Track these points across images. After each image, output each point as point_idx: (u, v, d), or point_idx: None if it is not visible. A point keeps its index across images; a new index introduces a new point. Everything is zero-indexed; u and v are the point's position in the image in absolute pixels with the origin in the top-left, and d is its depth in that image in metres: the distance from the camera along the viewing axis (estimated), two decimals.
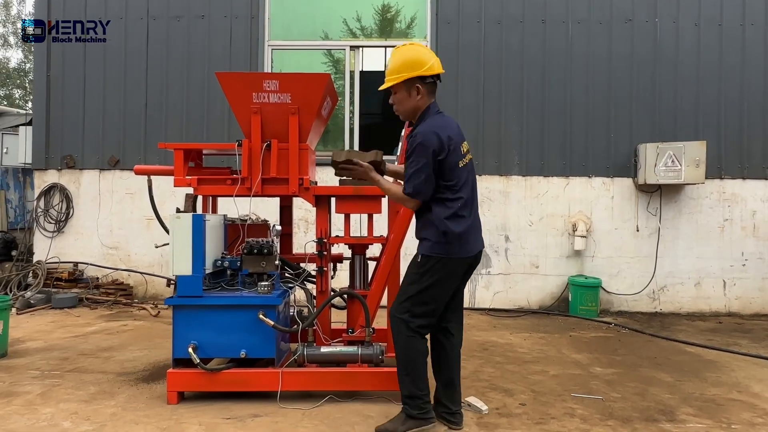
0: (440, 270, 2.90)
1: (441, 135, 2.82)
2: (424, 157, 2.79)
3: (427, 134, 2.82)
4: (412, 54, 2.90)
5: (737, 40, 6.78)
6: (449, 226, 2.85)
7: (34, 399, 3.47)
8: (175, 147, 3.72)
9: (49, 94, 7.15)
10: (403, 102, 2.97)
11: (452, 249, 2.88)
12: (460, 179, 2.89)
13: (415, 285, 2.93)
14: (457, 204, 2.88)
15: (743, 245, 6.73)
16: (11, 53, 26.26)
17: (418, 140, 2.82)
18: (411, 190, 2.86)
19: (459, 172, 2.88)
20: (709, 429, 3.14)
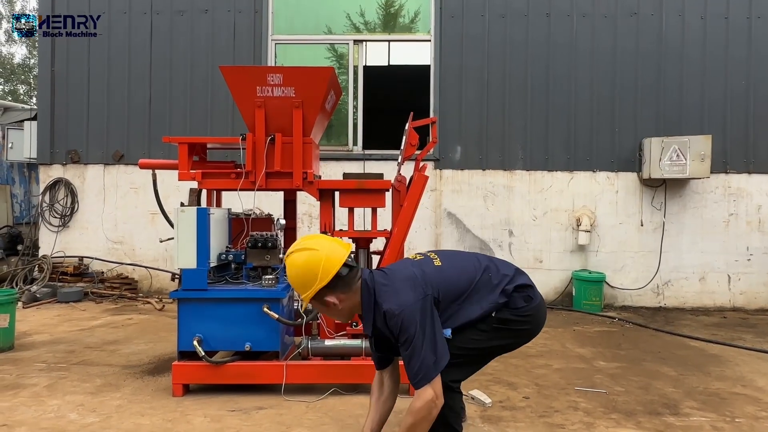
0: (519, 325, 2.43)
1: (412, 288, 2.22)
2: (413, 323, 2.13)
3: (403, 304, 2.17)
4: (299, 269, 2.21)
5: (744, 34, 6.73)
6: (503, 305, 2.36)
7: (41, 391, 3.50)
8: (179, 141, 3.73)
9: (53, 89, 7.17)
10: (330, 313, 2.36)
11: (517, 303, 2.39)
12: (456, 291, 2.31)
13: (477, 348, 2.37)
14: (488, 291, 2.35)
15: (748, 240, 6.70)
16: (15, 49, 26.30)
17: (397, 315, 2.15)
18: (424, 380, 2.12)
19: (451, 285, 2.31)
20: (713, 422, 3.14)
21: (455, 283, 2.31)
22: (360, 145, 7.05)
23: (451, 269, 2.35)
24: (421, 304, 2.17)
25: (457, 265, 2.40)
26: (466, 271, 2.36)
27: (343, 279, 2.23)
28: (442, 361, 2.14)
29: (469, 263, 2.42)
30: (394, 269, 2.37)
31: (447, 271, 2.33)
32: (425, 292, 2.20)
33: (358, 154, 6.98)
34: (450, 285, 2.29)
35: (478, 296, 2.33)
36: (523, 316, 2.39)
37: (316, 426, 3.01)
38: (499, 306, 2.35)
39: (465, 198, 6.82)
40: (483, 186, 6.81)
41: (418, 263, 2.36)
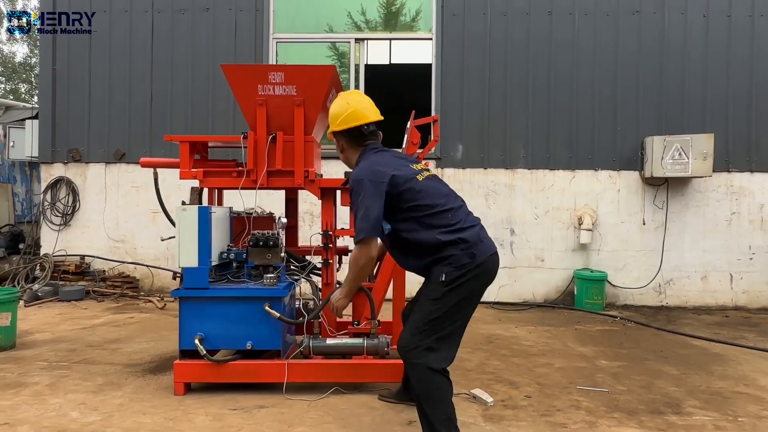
0: (460, 288, 2.52)
1: (378, 168, 2.59)
2: (358, 195, 2.54)
3: (362, 172, 2.60)
4: (333, 108, 2.86)
5: (746, 32, 6.71)
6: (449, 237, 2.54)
7: (43, 390, 3.50)
8: (180, 139, 3.73)
9: (54, 87, 7.18)
10: (341, 154, 2.93)
11: (461, 258, 2.52)
12: (427, 193, 2.58)
13: (434, 310, 2.54)
14: (446, 217, 2.56)
15: (751, 239, 6.68)
16: (17, 47, 26.32)
17: (353, 182, 2.61)
18: (359, 235, 2.54)
19: (420, 186, 2.59)
20: (716, 422, 3.13)
21: (427, 197, 2.58)
22: None
23: (432, 188, 2.62)
24: (373, 185, 2.52)
25: (440, 190, 2.66)
26: (440, 196, 2.62)
27: (351, 135, 2.80)
28: (372, 232, 2.53)
29: (450, 196, 2.67)
30: (398, 156, 2.78)
31: (427, 185, 2.62)
32: (383, 180, 2.53)
33: None
34: (421, 195, 2.57)
35: (433, 222, 2.55)
36: (468, 272, 2.52)
37: (317, 424, 3.00)
38: (442, 259, 2.53)
39: (466, 197, 6.68)
40: (484, 185, 6.80)
41: (402, 163, 2.69)
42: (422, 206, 2.56)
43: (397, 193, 2.56)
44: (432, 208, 2.56)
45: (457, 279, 2.51)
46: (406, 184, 2.56)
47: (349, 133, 2.80)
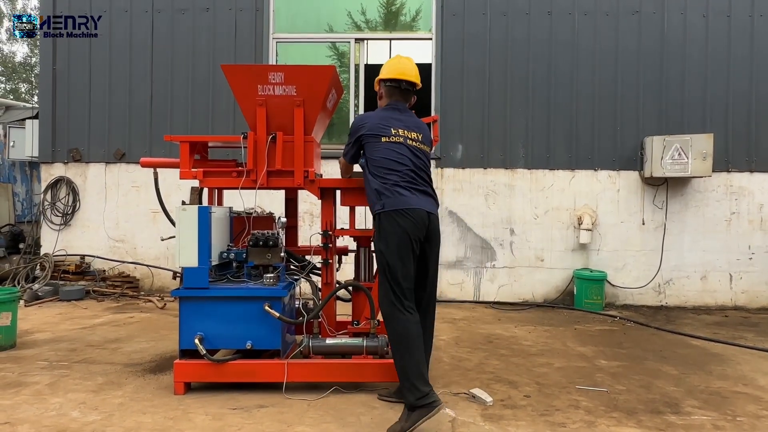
0: (386, 226, 3.09)
1: (365, 117, 3.34)
2: (350, 134, 3.41)
3: (357, 118, 3.42)
4: (385, 62, 3.51)
5: (746, 32, 6.71)
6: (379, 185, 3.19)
7: (43, 389, 3.51)
8: (180, 139, 3.73)
9: (55, 87, 7.18)
10: (378, 100, 3.55)
11: (387, 201, 3.11)
12: (380, 151, 3.21)
13: (379, 256, 3.14)
14: (385, 173, 3.18)
15: (750, 239, 6.69)
16: (17, 47, 26.31)
17: (353, 123, 3.45)
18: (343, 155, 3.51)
19: (383, 147, 3.21)
20: (715, 421, 3.14)
21: (388, 158, 3.20)
22: None
23: (397, 153, 3.22)
24: (357, 132, 3.31)
25: (401, 153, 3.23)
26: (400, 160, 3.20)
27: (386, 85, 3.42)
28: (344, 155, 3.45)
29: (405, 159, 3.23)
30: (402, 119, 3.34)
31: (386, 147, 3.23)
32: (362, 132, 3.28)
33: None
34: (387, 156, 3.20)
35: (384, 174, 3.19)
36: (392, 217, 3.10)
37: (317, 424, 3.01)
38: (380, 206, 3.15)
39: (466, 196, 6.82)
40: (484, 184, 6.81)
41: (403, 137, 3.27)
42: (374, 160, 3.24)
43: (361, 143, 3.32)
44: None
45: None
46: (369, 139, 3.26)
47: (385, 85, 3.41)
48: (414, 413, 2.79)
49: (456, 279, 6.82)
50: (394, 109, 3.38)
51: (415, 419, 2.77)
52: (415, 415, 2.78)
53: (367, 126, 3.29)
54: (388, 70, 3.42)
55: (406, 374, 2.86)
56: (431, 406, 2.77)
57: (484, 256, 6.81)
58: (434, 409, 2.77)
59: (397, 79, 3.39)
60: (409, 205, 3.11)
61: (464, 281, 6.82)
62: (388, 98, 3.45)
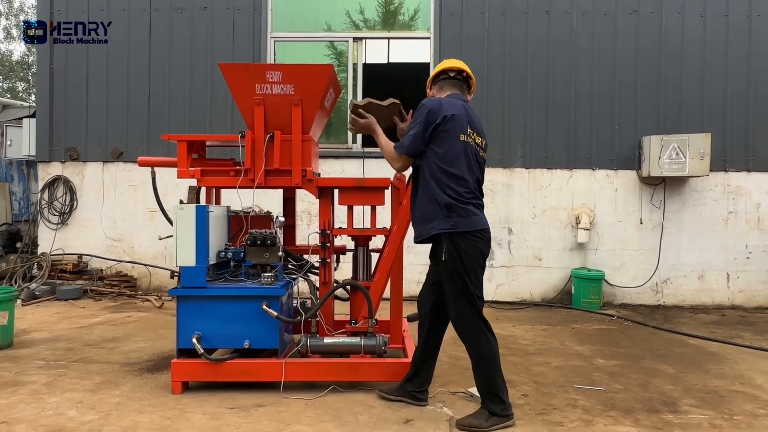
0: (464, 247, 2.94)
1: (442, 103, 2.98)
2: (419, 116, 2.98)
3: (430, 100, 3.04)
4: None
5: (743, 32, 6.72)
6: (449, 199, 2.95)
7: (40, 388, 3.50)
8: (178, 138, 3.72)
9: (52, 86, 7.16)
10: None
11: (459, 221, 2.92)
12: (455, 153, 2.95)
13: (455, 277, 2.95)
14: (450, 179, 2.95)
15: (747, 238, 6.70)
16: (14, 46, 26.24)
17: (420, 104, 3.03)
18: (399, 144, 3.05)
19: (454, 145, 2.95)
20: (712, 420, 3.14)
21: (463, 165, 2.97)
22: (359, 143, 7.05)
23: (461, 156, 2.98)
24: (430, 114, 2.94)
25: (471, 161, 3.02)
26: (472, 168, 3.03)
27: (449, 77, 3.20)
28: (402, 145, 3.03)
29: (475, 169, 3.05)
30: (472, 117, 3.08)
31: (460, 150, 2.97)
32: (445, 115, 2.92)
33: (357, 152, 6.97)
34: (455, 158, 2.95)
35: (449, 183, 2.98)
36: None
37: (315, 423, 3.01)
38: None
39: None
40: None
41: (472, 140, 3.03)
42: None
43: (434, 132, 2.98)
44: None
45: None
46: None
47: (449, 77, 3.19)
48: (493, 418, 2.95)
49: None
50: (464, 103, 3.10)
51: (494, 423, 2.94)
52: (494, 419, 2.95)
53: (450, 113, 2.94)
54: (448, 64, 3.22)
55: (492, 388, 2.97)
56: (509, 417, 2.98)
57: None
58: (510, 420, 2.98)
59: (460, 69, 3.19)
60: (482, 226, 3.03)
61: None
62: (444, 91, 3.19)
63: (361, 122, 3.27)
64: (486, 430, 2.91)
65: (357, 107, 3.30)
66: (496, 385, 2.97)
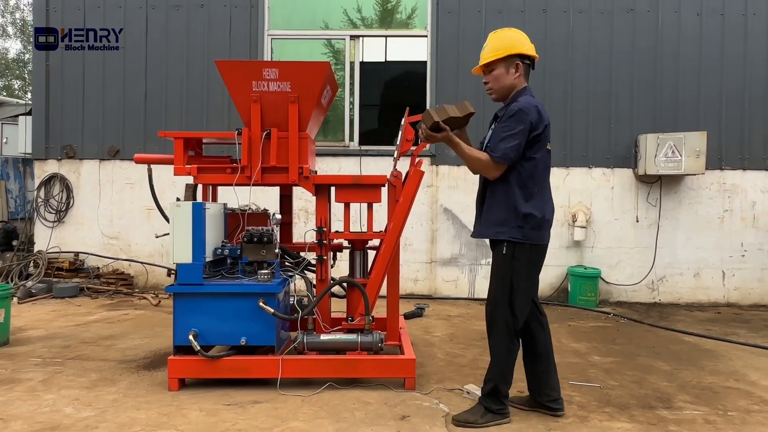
0: (525, 260, 2.91)
1: (541, 111, 2.86)
2: (521, 123, 2.81)
3: (528, 106, 2.84)
4: (514, 35, 2.98)
5: (739, 30, 6.75)
6: (530, 209, 2.89)
7: (36, 386, 3.50)
8: (175, 136, 3.72)
9: (48, 84, 7.14)
10: (500, 79, 2.97)
11: (531, 234, 2.90)
12: (544, 164, 2.93)
13: (506, 281, 2.93)
14: (534, 188, 2.91)
15: (743, 236, 6.73)
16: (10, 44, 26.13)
17: (518, 107, 2.83)
18: (500, 153, 2.83)
19: (544, 155, 2.92)
20: (706, 416, 3.16)
21: (546, 175, 3.04)
22: (356, 141, 7.05)
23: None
24: (531, 122, 2.82)
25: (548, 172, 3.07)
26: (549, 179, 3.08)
27: (530, 68, 2.98)
28: (506, 154, 2.84)
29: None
30: (532, 100, 2.93)
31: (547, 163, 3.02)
32: (541, 128, 2.84)
33: (354, 150, 6.98)
34: (544, 169, 3.01)
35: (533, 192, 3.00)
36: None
37: (311, 420, 3.02)
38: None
39: (461, 194, 6.83)
40: (479, 182, 6.80)
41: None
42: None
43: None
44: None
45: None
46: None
47: (525, 63, 2.97)
48: (489, 414, 2.98)
49: (451, 276, 6.83)
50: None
51: (490, 419, 2.97)
52: (490, 416, 2.98)
53: (548, 120, 2.92)
54: (529, 44, 2.99)
55: (495, 388, 2.98)
56: (505, 416, 3.02)
57: (479, 253, 6.83)
58: (506, 418, 3.02)
59: (535, 60, 3.03)
60: (547, 241, 3.04)
61: (459, 278, 6.84)
62: (526, 79, 3.01)
63: (438, 137, 2.97)
64: (481, 426, 2.93)
65: (436, 122, 2.92)
66: (499, 387, 2.97)
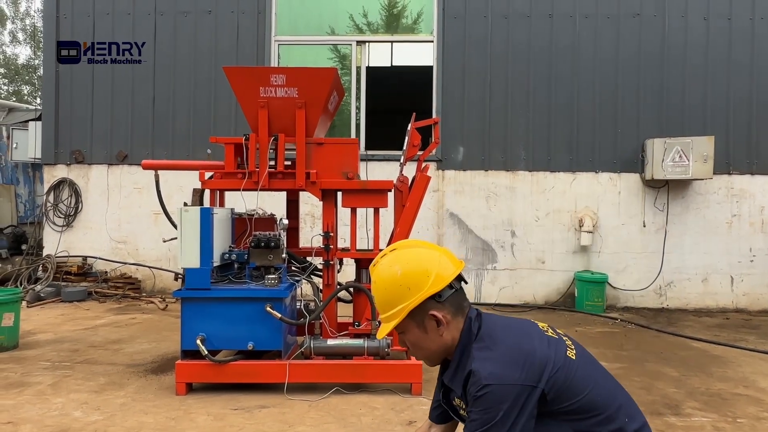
0: None
1: (519, 362, 1.54)
2: (498, 408, 1.50)
3: (495, 375, 1.52)
4: (406, 267, 1.62)
5: (747, 35, 6.72)
6: None
7: (46, 389, 3.52)
8: (225, 141, 3.75)
9: (57, 89, 7.21)
10: (421, 344, 1.68)
11: None
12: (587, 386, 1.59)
13: None
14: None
15: (751, 241, 6.69)
16: (20, 50, 26.41)
17: (481, 386, 1.51)
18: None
19: (578, 379, 1.58)
20: (715, 423, 3.14)
21: (581, 391, 1.57)
22: (362, 146, 7.07)
23: (586, 373, 1.63)
24: (520, 393, 1.51)
25: (595, 375, 1.65)
26: (602, 389, 1.62)
27: (455, 294, 1.64)
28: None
29: (611, 382, 1.69)
30: (509, 325, 1.69)
31: (578, 372, 1.61)
32: (534, 384, 1.52)
33: (360, 155, 6.97)
34: (573, 391, 1.57)
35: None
36: None
37: (318, 424, 3.02)
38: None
39: (467, 198, 6.83)
40: (485, 186, 6.82)
41: (546, 338, 1.65)
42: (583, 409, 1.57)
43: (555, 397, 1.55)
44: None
45: None
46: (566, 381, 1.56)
47: (449, 295, 1.63)
48: None
49: None
50: (497, 320, 1.74)
51: None
52: None
53: (552, 377, 1.55)
54: (440, 269, 1.64)
55: None
56: None
57: (485, 258, 6.82)
58: None
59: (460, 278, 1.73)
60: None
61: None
62: (458, 317, 1.68)
63: None
64: None
65: None
66: None
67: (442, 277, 1.61)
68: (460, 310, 1.67)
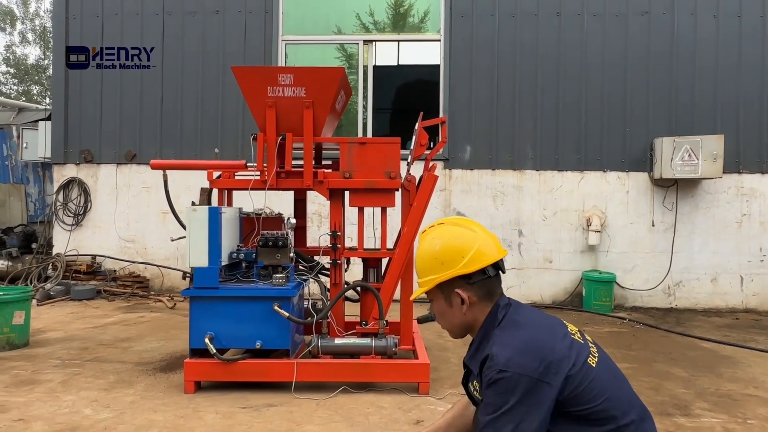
0: None
1: (538, 354, 1.56)
2: (512, 396, 1.52)
3: (514, 363, 1.54)
4: (446, 242, 1.72)
5: (757, 32, 6.66)
6: None
7: (56, 387, 3.55)
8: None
9: (67, 89, 7.27)
10: (444, 316, 1.81)
11: None
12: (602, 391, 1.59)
13: None
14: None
15: (761, 241, 6.63)
16: (30, 50, 26.62)
17: (496, 370, 1.54)
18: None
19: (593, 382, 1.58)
20: (725, 424, 3.12)
21: (594, 398, 1.57)
22: None
23: (603, 383, 1.62)
24: (534, 385, 1.52)
25: (613, 386, 1.64)
26: (617, 401, 1.61)
27: (486, 280, 1.70)
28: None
29: (631, 392, 1.70)
30: (536, 318, 1.72)
31: (596, 380, 1.60)
32: (548, 381, 1.53)
33: None
34: (587, 397, 1.57)
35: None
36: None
37: (326, 423, 3.03)
38: None
39: (474, 198, 6.81)
40: (492, 186, 6.80)
41: (570, 339, 1.65)
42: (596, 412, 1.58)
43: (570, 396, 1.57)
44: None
45: None
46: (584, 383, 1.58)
47: (479, 279, 1.70)
48: None
49: None
50: (524, 309, 1.81)
51: None
52: None
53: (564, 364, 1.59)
54: (477, 249, 1.71)
55: None
56: None
57: None
58: None
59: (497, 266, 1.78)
60: None
61: None
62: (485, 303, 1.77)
63: None
64: None
65: None
66: None
67: (475, 261, 1.69)
68: (489, 295, 1.73)
